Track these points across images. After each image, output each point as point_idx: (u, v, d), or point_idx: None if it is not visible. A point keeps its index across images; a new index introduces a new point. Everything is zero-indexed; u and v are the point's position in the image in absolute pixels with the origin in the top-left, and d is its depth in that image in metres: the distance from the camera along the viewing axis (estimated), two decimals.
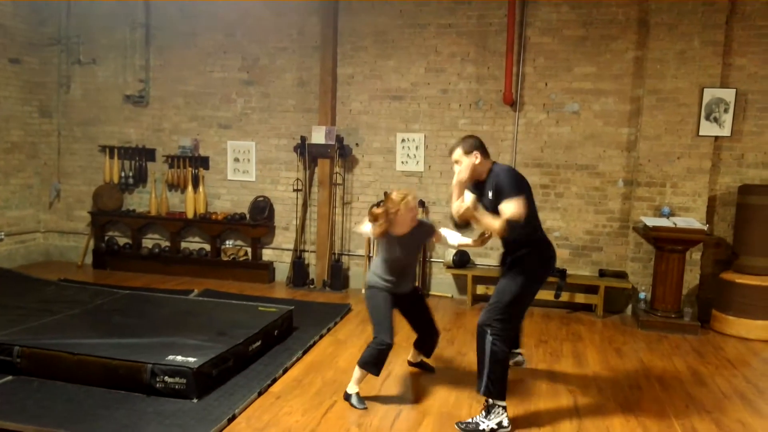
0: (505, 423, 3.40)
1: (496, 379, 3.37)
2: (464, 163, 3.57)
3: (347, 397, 3.74)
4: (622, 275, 6.06)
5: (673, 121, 5.81)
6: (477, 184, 3.67)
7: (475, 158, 3.54)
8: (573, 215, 6.24)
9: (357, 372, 3.75)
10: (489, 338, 3.40)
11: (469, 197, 3.73)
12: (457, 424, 3.45)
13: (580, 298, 6.08)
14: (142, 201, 7.52)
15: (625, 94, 6.03)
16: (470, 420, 3.43)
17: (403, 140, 6.62)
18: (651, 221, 5.62)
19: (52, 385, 3.69)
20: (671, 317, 5.59)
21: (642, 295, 5.95)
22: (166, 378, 3.55)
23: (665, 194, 5.90)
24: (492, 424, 3.37)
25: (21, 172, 7.49)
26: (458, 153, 3.61)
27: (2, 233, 7.23)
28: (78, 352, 3.77)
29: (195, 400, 3.54)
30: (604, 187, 6.15)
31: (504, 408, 3.42)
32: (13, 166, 7.38)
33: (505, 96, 6.15)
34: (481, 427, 3.37)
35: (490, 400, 3.40)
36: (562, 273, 5.99)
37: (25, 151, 7.52)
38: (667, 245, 5.57)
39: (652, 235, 5.58)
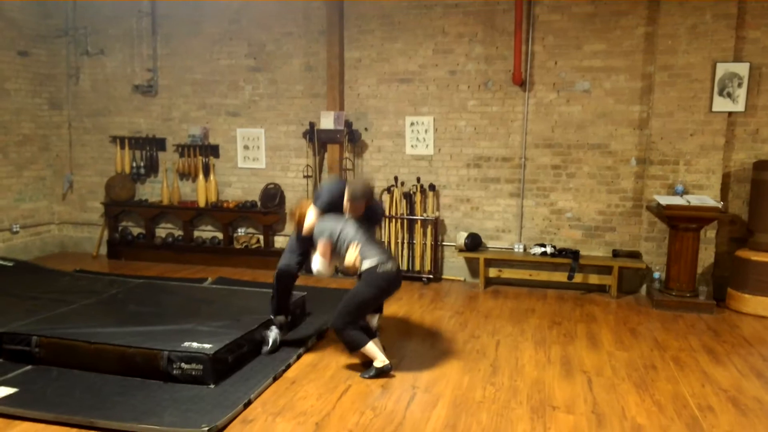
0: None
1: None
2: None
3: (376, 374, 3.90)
4: (635, 255, 6.01)
5: (686, 98, 5.73)
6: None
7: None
8: (585, 195, 6.19)
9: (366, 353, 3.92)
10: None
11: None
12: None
13: (594, 279, 6.05)
14: (154, 191, 7.56)
15: (636, 70, 5.94)
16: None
17: (412, 123, 6.58)
18: (664, 200, 5.56)
19: (70, 374, 3.74)
20: (686, 296, 5.55)
21: (656, 274, 5.90)
22: (183, 364, 3.59)
23: (678, 172, 5.83)
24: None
25: (33, 164, 7.55)
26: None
27: (17, 225, 7.30)
28: (95, 340, 3.81)
29: (212, 386, 3.57)
30: (617, 166, 6.09)
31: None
32: (26, 159, 7.43)
33: (514, 76, 6.08)
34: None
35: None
36: (575, 254, 5.97)
37: (36, 144, 7.57)
38: (681, 224, 5.51)
39: (666, 214, 5.53)
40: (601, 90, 6.04)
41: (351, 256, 3.91)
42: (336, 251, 4.04)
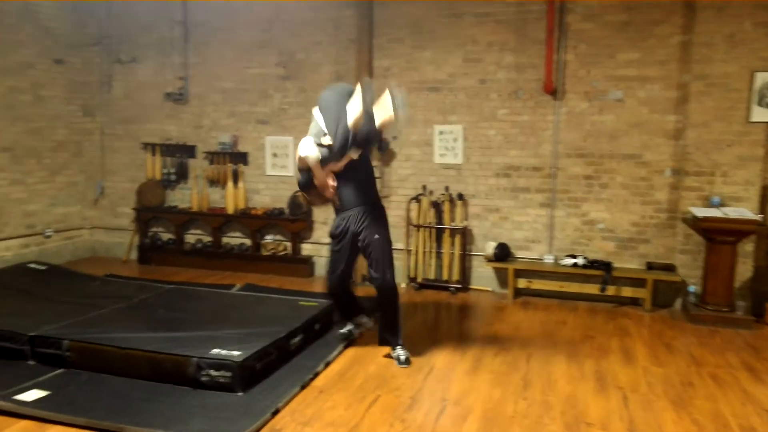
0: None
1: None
2: None
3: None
4: (670, 268, 5.87)
5: (723, 107, 5.59)
6: None
7: None
8: (618, 206, 6.07)
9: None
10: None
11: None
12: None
13: (627, 291, 5.91)
14: (184, 197, 7.62)
15: (671, 80, 5.82)
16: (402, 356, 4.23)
17: (441, 132, 6.54)
18: (700, 212, 5.42)
19: (100, 378, 3.76)
20: (723, 311, 5.39)
21: (692, 288, 5.75)
22: (212, 371, 3.58)
23: (715, 183, 5.69)
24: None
25: (66, 169, 7.68)
26: None
27: (50, 230, 7.42)
28: (125, 345, 3.83)
29: (240, 394, 3.55)
30: (651, 177, 5.95)
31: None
32: (59, 164, 7.56)
33: (545, 85, 6.01)
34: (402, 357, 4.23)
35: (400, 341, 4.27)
36: (608, 266, 5.84)
37: (70, 150, 7.70)
38: (717, 236, 5.37)
39: (702, 226, 5.39)
40: (634, 99, 5.93)
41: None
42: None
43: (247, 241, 7.31)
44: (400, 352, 4.26)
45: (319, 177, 4.14)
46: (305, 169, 4.22)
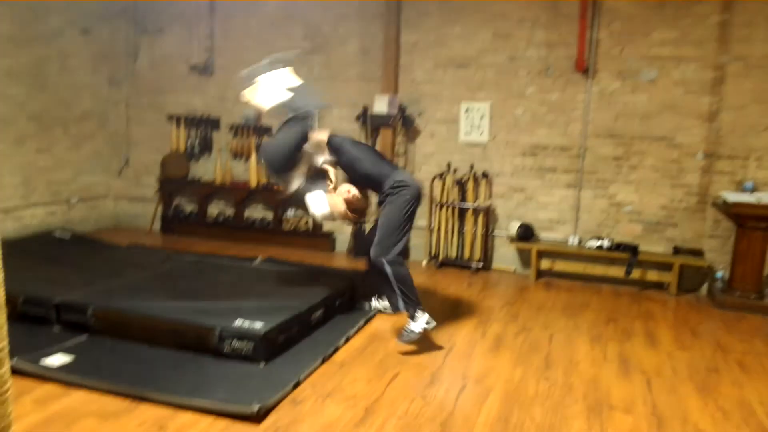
0: (428, 319, 4.02)
1: (406, 292, 4.02)
2: None
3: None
4: (698, 253, 5.75)
5: (762, 90, 5.42)
6: None
7: None
8: (647, 189, 5.94)
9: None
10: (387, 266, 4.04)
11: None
12: (397, 339, 4.08)
13: (653, 275, 5.82)
14: (207, 170, 7.64)
15: (707, 60, 5.64)
16: (404, 332, 4.03)
17: (467, 110, 6.44)
18: (732, 196, 5.29)
19: (123, 346, 3.79)
20: (751, 298, 5.28)
21: (719, 273, 5.64)
22: (235, 342, 3.59)
23: (749, 168, 5.54)
24: (421, 324, 3.99)
25: (92, 139, 7.72)
26: None
27: (76, 198, 7.50)
28: (148, 313, 3.86)
29: (262, 365, 3.57)
30: (682, 160, 5.81)
31: (422, 310, 4.02)
32: (85, 134, 7.61)
33: (577, 63, 5.87)
34: (416, 330, 3.99)
35: (411, 310, 4.02)
36: (634, 249, 5.75)
37: (95, 120, 7.74)
38: (749, 222, 5.24)
39: (733, 212, 5.27)
40: (668, 80, 5.77)
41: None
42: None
43: (269, 215, 7.32)
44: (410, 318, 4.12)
45: (340, 212, 4.27)
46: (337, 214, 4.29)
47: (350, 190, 4.24)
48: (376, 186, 4.26)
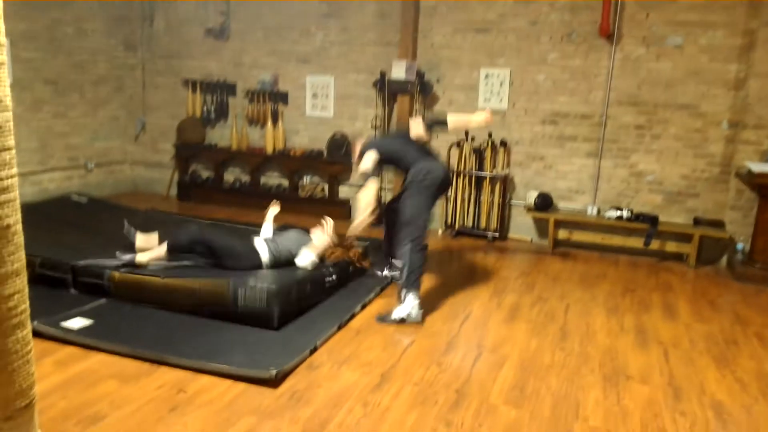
0: (414, 311, 3.94)
1: (410, 274, 3.99)
2: None
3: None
4: (718, 224, 5.66)
5: None
6: None
7: None
8: (669, 158, 5.83)
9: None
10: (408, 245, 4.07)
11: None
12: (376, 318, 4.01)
13: (672, 246, 5.75)
14: (223, 135, 7.61)
15: (736, 26, 5.46)
16: (386, 313, 4.01)
17: (486, 76, 6.32)
18: (757, 167, 5.17)
19: (142, 310, 3.82)
20: None
21: (740, 245, 5.56)
22: (248, 303, 3.61)
23: None
24: (403, 312, 3.92)
25: (108, 104, 7.71)
26: None
27: (93, 163, 7.53)
28: (165, 275, 3.89)
29: (276, 328, 3.58)
30: (706, 129, 5.68)
31: (414, 297, 3.98)
32: (101, 99, 7.59)
33: (601, 27, 5.70)
34: (394, 317, 3.92)
35: (404, 291, 3.97)
36: (654, 219, 5.67)
37: (111, 84, 7.71)
38: None
39: (757, 182, 5.15)
40: (695, 46, 5.60)
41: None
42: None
43: (285, 182, 7.30)
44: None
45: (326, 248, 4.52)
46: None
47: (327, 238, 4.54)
48: (404, 171, 4.42)
